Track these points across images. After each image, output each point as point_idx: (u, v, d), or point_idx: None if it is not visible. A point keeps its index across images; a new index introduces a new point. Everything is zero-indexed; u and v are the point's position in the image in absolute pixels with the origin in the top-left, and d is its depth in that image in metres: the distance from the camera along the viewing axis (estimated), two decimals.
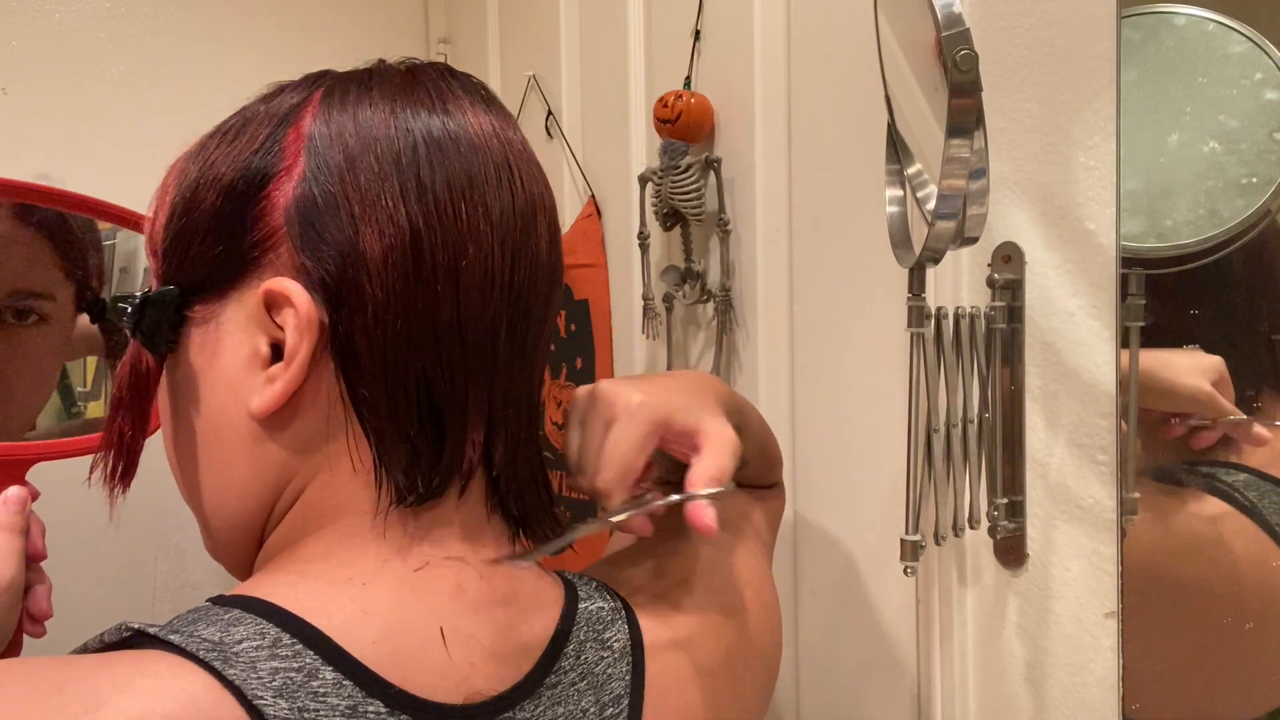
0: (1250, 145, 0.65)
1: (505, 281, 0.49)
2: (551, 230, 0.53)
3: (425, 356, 0.48)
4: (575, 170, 1.37)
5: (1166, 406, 0.68)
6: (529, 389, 0.53)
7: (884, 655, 0.87)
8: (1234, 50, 0.65)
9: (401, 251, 0.47)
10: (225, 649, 0.41)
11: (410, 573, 0.48)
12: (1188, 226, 0.67)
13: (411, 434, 0.48)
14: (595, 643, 0.53)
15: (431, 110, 0.50)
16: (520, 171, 0.51)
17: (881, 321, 0.86)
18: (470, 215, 0.48)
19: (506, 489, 0.52)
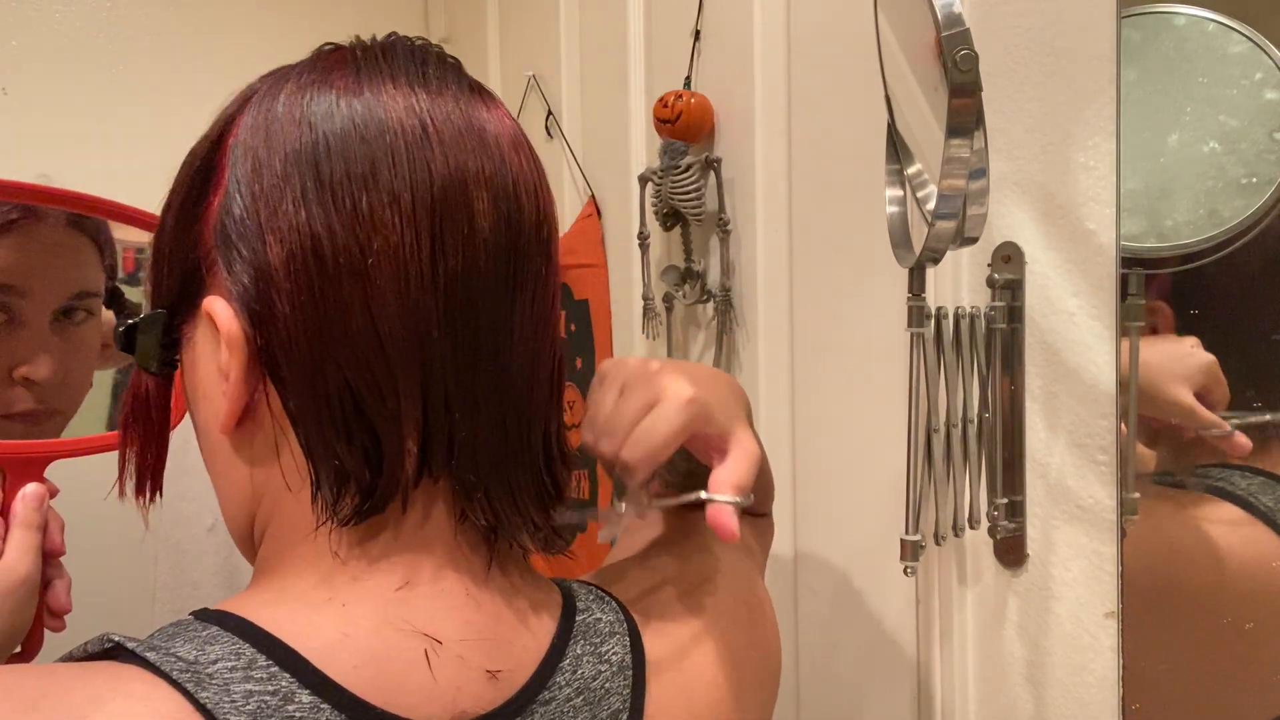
0: (1250, 145, 0.64)
1: (426, 274, 0.45)
2: (504, 203, 0.47)
3: (346, 367, 0.44)
4: (575, 170, 1.37)
5: (1150, 412, 0.68)
6: (500, 386, 0.48)
7: (884, 655, 0.87)
8: (1234, 50, 0.65)
9: (303, 258, 0.44)
10: (199, 669, 0.40)
11: (392, 592, 0.46)
12: (1188, 226, 0.67)
13: (339, 449, 0.45)
14: (593, 656, 0.51)
15: (343, 94, 0.46)
16: (443, 146, 0.46)
17: (881, 321, 0.86)
18: (374, 206, 0.44)
19: (470, 498, 0.48)
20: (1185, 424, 0.67)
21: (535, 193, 0.49)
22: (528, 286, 0.48)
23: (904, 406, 0.61)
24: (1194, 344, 0.67)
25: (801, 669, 0.96)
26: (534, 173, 0.49)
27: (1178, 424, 0.68)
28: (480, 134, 0.48)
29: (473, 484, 0.47)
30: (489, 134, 0.48)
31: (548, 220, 0.50)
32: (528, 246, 0.48)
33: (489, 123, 0.48)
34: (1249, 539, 0.67)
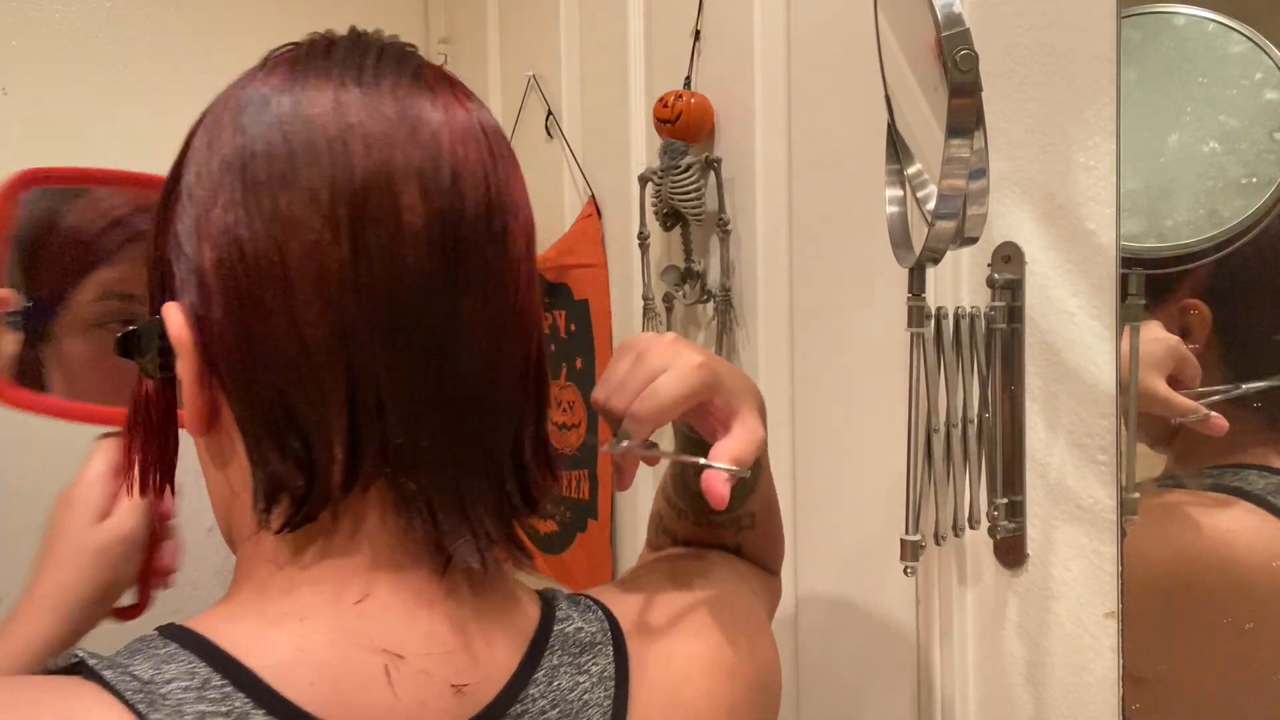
0: (1250, 145, 0.64)
1: (348, 274, 0.43)
2: (439, 196, 0.44)
3: (275, 372, 0.43)
4: (575, 170, 1.37)
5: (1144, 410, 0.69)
6: (447, 390, 0.45)
7: (884, 655, 0.87)
8: (1234, 50, 0.65)
9: (230, 263, 0.43)
10: (153, 689, 0.40)
11: (351, 605, 0.44)
12: (1188, 226, 0.67)
13: (272, 457, 0.44)
14: (570, 667, 0.49)
15: (274, 94, 0.45)
16: (366, 140, 0.44)
17: (881, 321, 0.86)
18: (293, 206, 0.43)
19: (409, 507, 0.46)
20: (1164, 413, 0.67)
21: (484, 183, 0.46)
22: (476, 283, 0.46)
23: (904, 406, 0.61)
24: (1157, 327, 0.67)
25: (801, 668, 0.96)
26: (485, 162, 0.47)
27: (1158, 414, 0.68)
28: (414, 125, 0.45)
29: (413, 493, 0.45)
30: (425, 125, 0.45)
31: (502, 211, 0.47)
32: (473, 241, 0.45)
33: (429, 113, 0.46)
34: (1250, 539, 0.67)
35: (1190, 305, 0.67)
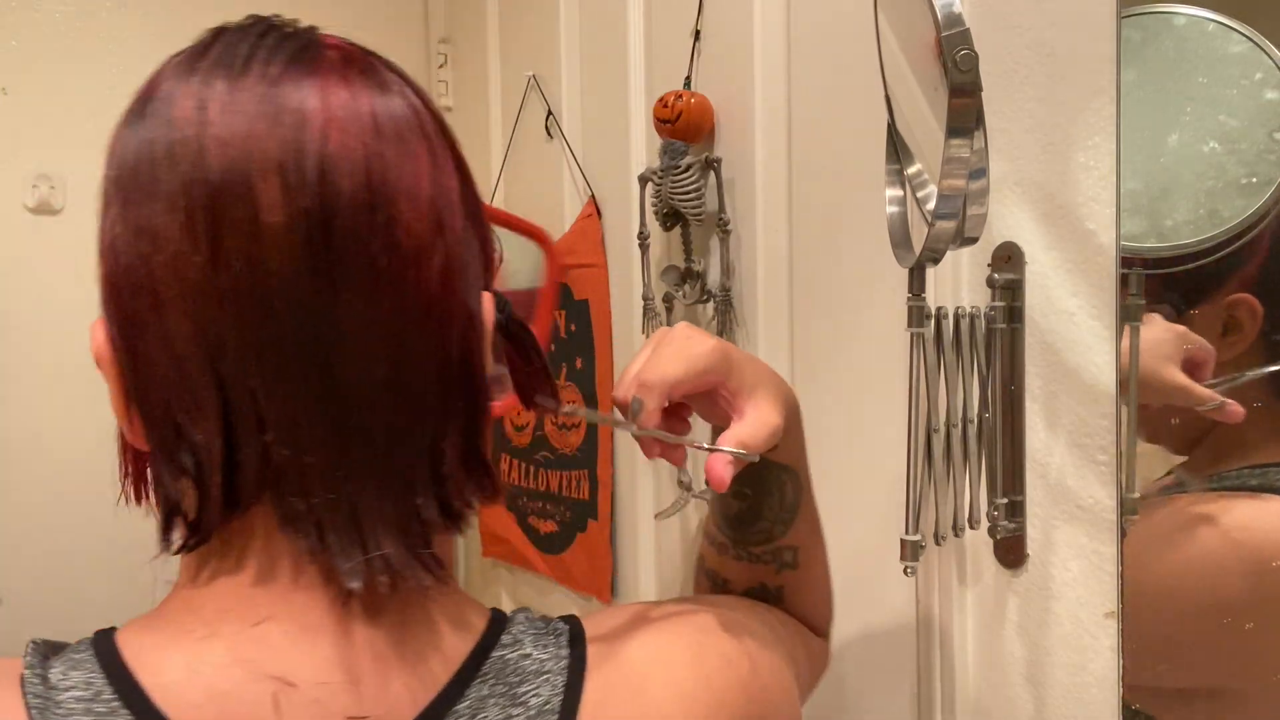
0: (1250, 145, 0.64)
1: (208, 283, 0.40)
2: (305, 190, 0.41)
3: (161, 391, 0.42)
4: (575, 170, 1.37)
5: (1145, 400, 0.68)
6: (333, 399, 0.42)
7: (884, 655, 0.87)
8: (1234, 50, 0.65)
9: (112, 279, 0.42)
10: (52, 695, 0.40)
11: (249, 628, 0.42)
12: (1188, 226, 0.67)
13: (166, 475, 0.43)
14: (504, 699, 0.45)
15: (149, 100, 0.43)
16: (221, 137, 0.41)
17: (881, 322, 0.86)
18: (154, 216, 0.41)
19: (294, 526, 0.43)
20: (1184, 403, 0.67)
21: (363, 171, 0.42)
22: (360, 281, 0.42)
23: (904, 406, 0.61)
24: (1159, 320, 0.67)
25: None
26: (367, 147, 0.42)
27: (1179, 404, 0.67)
28: (277, 116, 0.41)
29: (301, 512, 0.42)
30: (290, 114, 0.42)
31: (390, 200, 0.42)
32: (350, 236, 0.41)
33: (300, 100, 0.42)
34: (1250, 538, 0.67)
35: (1240, 300, 0.66)
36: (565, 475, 1.41)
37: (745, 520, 0.65)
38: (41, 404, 1.64)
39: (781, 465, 0.63)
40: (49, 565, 1.65)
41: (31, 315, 1.64)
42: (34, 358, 1.64)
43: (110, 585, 1.66)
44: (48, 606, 1.63)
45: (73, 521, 1.65)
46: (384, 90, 0.45)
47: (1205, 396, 0.66)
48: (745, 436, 0.54)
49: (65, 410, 1.64)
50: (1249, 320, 0.65)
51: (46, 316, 1.64)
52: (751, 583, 0.66)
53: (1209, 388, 0.66)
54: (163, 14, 1.72)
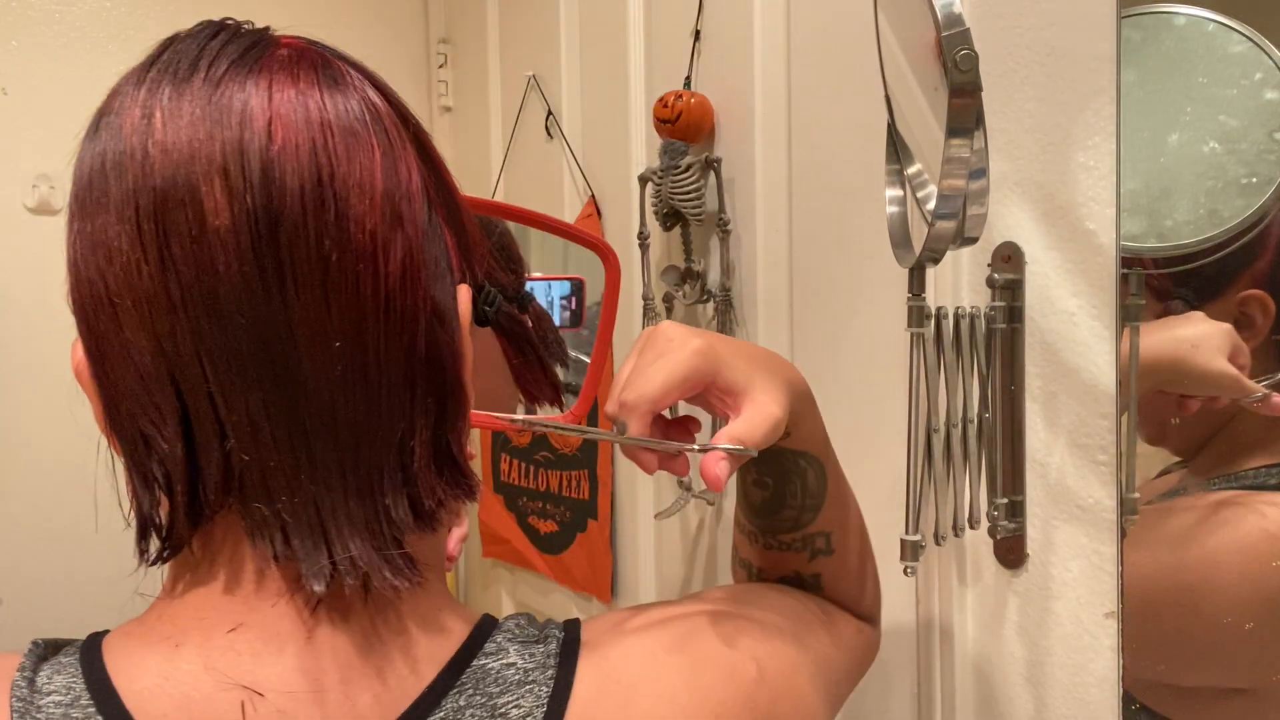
0: (1250, 145, 0.64)
1: (160, 292, 0.40)
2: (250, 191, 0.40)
3: (127, 403, 0.42)
4: (575, 170, 1.36)
5: (1194, 391, 0.68)
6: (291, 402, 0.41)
7: (884, 655, 0.87)
8: (1234, 50, 0.65)
9: (76, 296, 0.42)
10: (34, 700, 0.41)
11: (222, 635, 0.42)
12: (1188, 226, 0.67)
13: (138, 487, 0.43)
14: (482, 710, 0.43)
15: (103, 115, 0.44)
16: (165, 143, 0.41)
17: (881, 321, 0.86)
18: (107, 228, 0.41)
19: (260, 533, 0.42)
20: (1231, 395, 0.66)
21: (312, 167, 0.41)
22: (312, 280, 0.41)
23: (904, 406, 0.61)
24: (1203, 317, 0.67)
25: None
26: (314, 143, 0.42)
27: (1228, 395, 0.67)
28: (219, 118, 0.41)
29: (265, 518, 0.42)
30: (232, 115, 0.41)
31: (340, 196, 0.41)
32: (299, 233, 0.41)
33: (242, 100, 0.41)
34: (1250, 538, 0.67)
35: (1253, 296, 0.66)
36: (565, 475, 1.41)
37: (770, 509, 0.63)
38: (41, 404, 1.64)
39: (798, 452, 0.61)
40: (49, 565, 1.65)
41: (31, 315, 1.64)
42: (34, 358, 1.64)
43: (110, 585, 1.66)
44: (48, 606, 1.63)
45: (72, 522, 1.65)
46: (336, 85, 0.44)
47: (1253, 389, 0.65)
48: (740, 433, 0.51)
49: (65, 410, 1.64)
50: (1261, 316, 0.65)
51: (46, 316, 1.64)
52: (785, 571, 0.65)
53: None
54: (163, 14, 1.72)
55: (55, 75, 1.65)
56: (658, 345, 0.54)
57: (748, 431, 0.52)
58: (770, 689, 0.50)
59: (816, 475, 0.62)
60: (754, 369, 0.55)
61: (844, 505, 0.65)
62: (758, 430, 0.52)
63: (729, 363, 0.54)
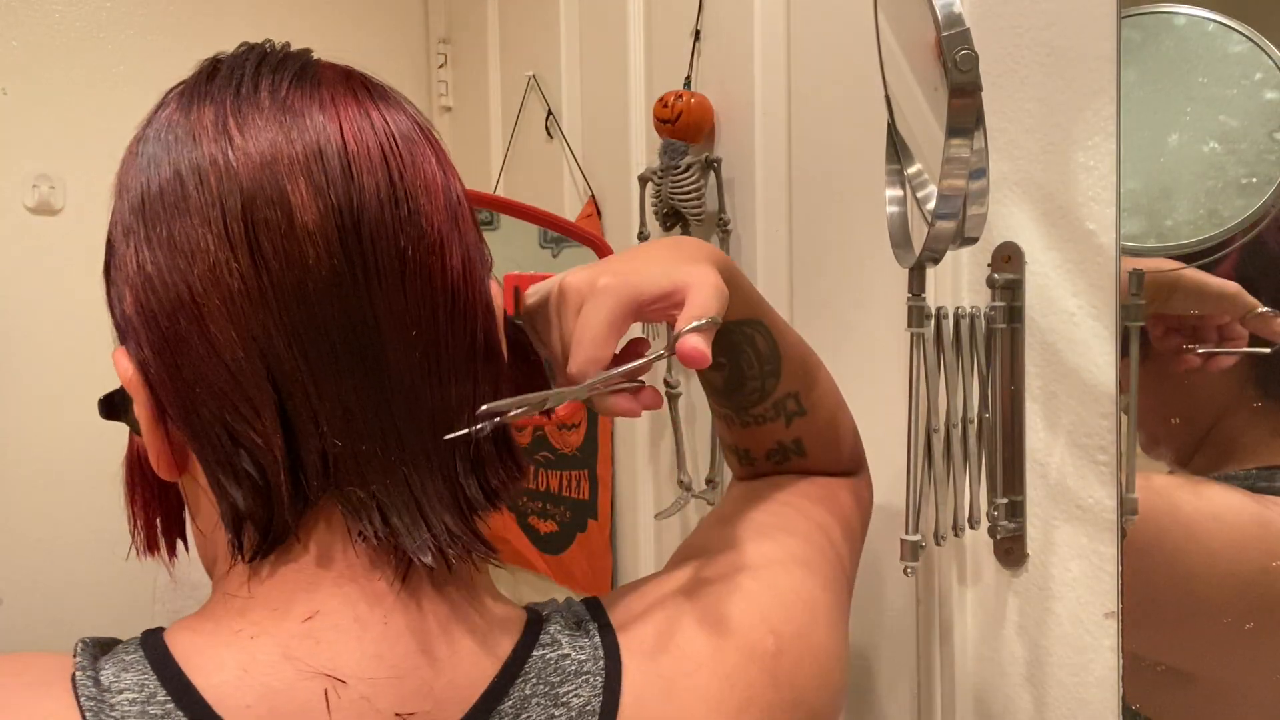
0: (1250, 145, 0.64)
1: (252, 289, 0.42)
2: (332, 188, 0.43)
3: (211, 402, 0.43)
4: (575, 170, 1.37)
5: (1194, 308, 0.66)
6: (380, 388, 0.43)
7: (884, 655, 0.87)
8: (1234, 50, 0.65)
9: (145, 302, 0.43)
10: (105, 698, 0.41)
11: (298, 624, 0.43)
12: (1188, 226, 0.67)
13: (229, 486, 0.43)
14: (545, 699, 0.45)
15: (165, 128, 0.45)
16: (245, 147, 0.43)
17: (881, 321, 0.86)
18: (188, 232, 0.42)
19: (359, 516, 0.44)
20: (1230, 311, 0.65)
21: (384, 167, 0.44)
22: (391, 272, 0.43)
23: (904, 406, 0.61)
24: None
25: None
26: (383, 146, 0.44)
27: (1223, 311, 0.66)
28: (292, 122, 0.44)
29: (362, 500, 0.44)
30: (304, 119, 0.44)
31: (411, 194, 0.44)
32: (379, 228, 0.43)
33: (309, 109, 0.44)
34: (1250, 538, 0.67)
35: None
36: (565, 475, 1.41)
37: (733, 386, 0.64)
38: (41, 404, 1.64)
39: (740, 321, 0.61)
40: (48, 565, 1.65)
41: (31, 315, 1.64)
42: (34, 358, 1.64)
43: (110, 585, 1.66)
44: (47, 606, 1.63)
45: (72, 522, 1.65)
46: (386, 101, 0.47)
47: (1253, 303, 0.64)
48: (694, 311, 0.50)
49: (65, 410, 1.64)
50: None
51: (46, 317, 1.64)
52: (770, 444, 0.66)
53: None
54: (163, 14, 1.72)
55: (55, 75, 1.65)
56: (571, 302, 0.52)
57: (701, 306, 0.50)
58: (790, 658, 0.51)
59: (764, 338, 0.62)
60: (668, 266, 0.53)
61: (802, 362, 0.65)
62: (709, 301, 0.50)
63: (645, 275, 0.52)
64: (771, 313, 0.64)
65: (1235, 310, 0.65)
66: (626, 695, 0.46)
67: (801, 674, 0.52)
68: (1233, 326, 0.66)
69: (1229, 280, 0.65)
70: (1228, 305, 0.65)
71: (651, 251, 0.56)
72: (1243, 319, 0.65)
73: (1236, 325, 0.65)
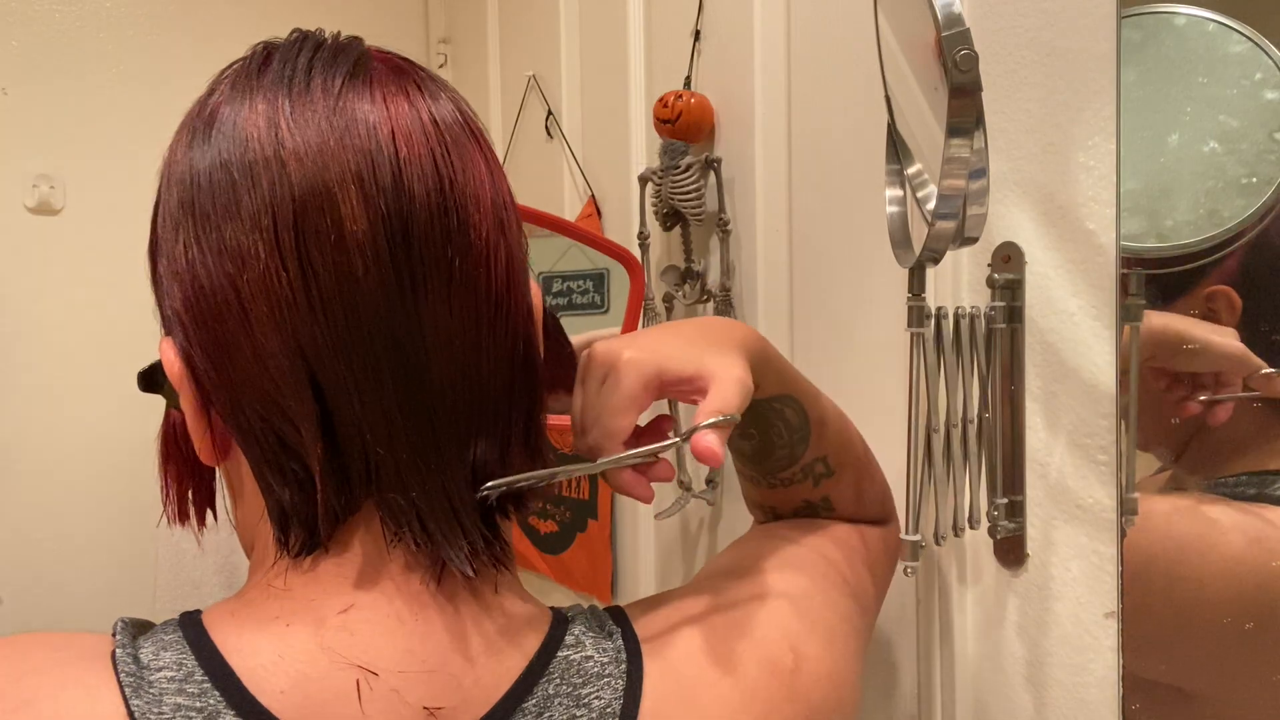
0: (1250, 145, 0.64)
1: (300, 298, 0.42)
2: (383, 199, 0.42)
3: (256, 403, 0.43)
4: (575, 170, 1.37)
5: (1195, 366, 0.66)
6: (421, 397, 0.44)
7: (884, 655, 0.87)
8: (1234, 50, 0.65)
9: (195, 301, 0.43)
10: (143, 675, 0.41)
11: (334, 615, 0.44)
12: (1188, 226, 0.67)
13: (275, 484, 0.44)
14: (568, 699, 0.46)
15: (217, 122, 0.45)
16: (299, 154, 0.42)
17: (881, 321, 0.86)
18: (238, 237, 0.42)
19: (398, 521, 0.45)
20: (1237, 369, 0.65)
21: (434, 176, 0.44)
22: (436, 282, 0.44)
23: (904, 406, 0.61)
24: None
25: None
26: (434, 153, 0.44)
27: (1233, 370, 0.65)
28: (347, 128, 0.43)
29: (401, 507, 0.44)
30: (359, 125, 0.43)
31: (460, 204, 0.44)
32: (427, 239, 0.43)
33: (365, 112, 0.44)
34: (1250, 539, 0.67)
35: (1219, 292, 0.65)
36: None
37: (762, 455, 0.65)
38: (41, 404, 1.64)
39: (770, 398, 0.62)
40: (49, 565, 1.65)
41: (31, 315, 1.64)
42: (34, 358, 1.64)
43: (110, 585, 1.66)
44: (48, 606, 1.63)
45: (72, 522, 1.65)
46: (435, 97, 0.47)
47: (1258, 363, 0.64)
48: (715, 405, 0.51)
49: (65, 410, 1.64)
50: (1227, 313, 0.65)
51: (46, 316, 1.64)
52: (796, 503, 0.67)
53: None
54: (163, 14, 1.72)
55: (55, 75, 1.65)
56: (595, 372, 0.53)
57: (722, 401, 0.51)
58: (807, 677, 0.52)
59: (795, 411, 0.63)
60: (698, 349, 0.54)
61: (832, 426, 0.66)
62: (731, 397, 0.51)
63: (671, 356, 0.53)
64: (804, 385, 0.65)
65: (1240, 371, 0.65)
66: (647, 700, 0.47)
67: (817, 693, 0.52)
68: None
69: (1235, 342, 0.65)
70: (1234, 366, 0.65)
71: (683, 331, 0.56)
72: (1247, 380, 0.65)
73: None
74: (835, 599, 0.59)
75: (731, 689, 0.49)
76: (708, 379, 0.53)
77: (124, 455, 1.57)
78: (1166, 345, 0.67)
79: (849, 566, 0.63)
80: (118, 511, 1.64)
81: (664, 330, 0.56)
